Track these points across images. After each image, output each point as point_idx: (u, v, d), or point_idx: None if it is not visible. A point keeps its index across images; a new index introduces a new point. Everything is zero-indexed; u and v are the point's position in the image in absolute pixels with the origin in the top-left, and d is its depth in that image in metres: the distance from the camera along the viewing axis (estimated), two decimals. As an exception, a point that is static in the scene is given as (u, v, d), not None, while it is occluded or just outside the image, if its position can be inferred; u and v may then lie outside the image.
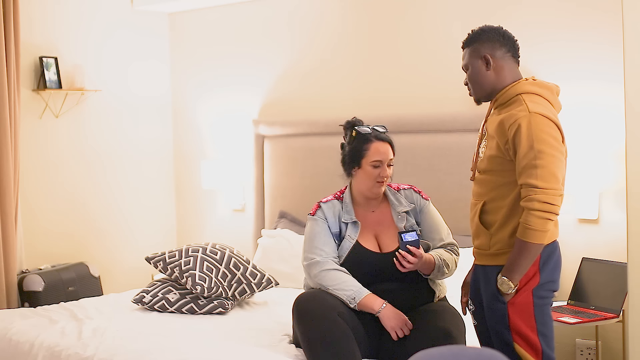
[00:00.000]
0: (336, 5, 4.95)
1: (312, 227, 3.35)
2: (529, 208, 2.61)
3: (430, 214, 3.40)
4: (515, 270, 2.66)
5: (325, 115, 4.92)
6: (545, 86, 2.79)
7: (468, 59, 2.84)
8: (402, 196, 3.41)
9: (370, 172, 3.30)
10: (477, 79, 2.83)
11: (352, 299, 3.15)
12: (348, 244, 3.30)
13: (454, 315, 3.17)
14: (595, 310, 3.71)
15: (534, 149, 2.61)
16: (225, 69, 5.47)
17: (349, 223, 3.33)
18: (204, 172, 5.41)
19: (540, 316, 2.72)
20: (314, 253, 3.29)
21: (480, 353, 2.13)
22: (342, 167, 3.42)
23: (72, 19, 5.18)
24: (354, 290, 3.17)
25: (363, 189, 3.35)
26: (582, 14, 4.01)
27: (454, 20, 4.42)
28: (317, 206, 3.40)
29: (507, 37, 2.83)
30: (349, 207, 3.36)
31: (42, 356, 3.43)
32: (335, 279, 3.20)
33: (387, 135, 3.36)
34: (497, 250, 2.74)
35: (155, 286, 4.02)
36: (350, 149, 3.35)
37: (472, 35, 2.85)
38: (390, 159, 3.32)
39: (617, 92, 3.59)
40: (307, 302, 3.15)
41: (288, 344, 3.31)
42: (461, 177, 4.07)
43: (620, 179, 3.81)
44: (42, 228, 5.04)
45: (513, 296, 2.70)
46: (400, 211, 3.36)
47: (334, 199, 3.41)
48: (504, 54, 2.81)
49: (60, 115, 5.11)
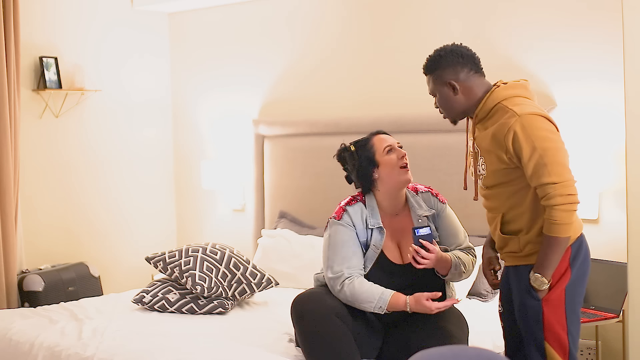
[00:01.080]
0: (336, 5, 4.95)
1: (339, 234, 3.16)
2: (552, 205, 2.60)
3: (448, 218, 3.29)
4: (547, 266, 2.66)
5: (325, 115, 4.92)
6: (517, 86, 2.78)
7: (433, 86, 2.85)
8: (420, 199, 3.29)
9: (389, 160, 3.18)
10: (447, 105, 2.84)
11: (379, 308, 3.06)
12: (373, 253, 3.17)
13: (459, 318, 3.15)
14: (595, 310, 3.71)
15: (537, 149, 2.61)
16: (225, 69, 5.47)
17: (374, 229, 3.18)
18: (204, 172, 5.41)
19: (571, 315, 2.73)
20: (341, 265, 3.11)
21: (481, 353, 2.13)
22: (361, 184, 3.24)
23: (72, 19, 5.18)
24: (376, 299, 3.05)
25: (392, 183, 3.19)
26: (582, 14, 4.01)
27: (453, 20, 4.42)
28: (342, 209, 3.21)
29: (465, 55, 2.81)
30: (375, 211, 3.21)
31: (42, 356, 3.43)
32: (358, 293, 3.07)
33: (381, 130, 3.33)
34: (529, 251, 2.74)
35: (155, 286, 4.02)
36: (359, 161, 3.22)
37: (430, 61, 2.85)
38: (397, 142, 3.24)
39: (617, 92, 3.59)
40: (306, 302, 3.13)
41: (287, 343, 3.31)
42: (461, 177, 4.05)
43: (620, 179, 3.81)
44: (42, 228, 5.05)
45: (547, 293, 2.70)
46: (421, 215, 3.23)
47: (358, 202, 3.23)
48: (467, 74, 2.80)
49: (60, 115, 5.11)
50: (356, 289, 3.07)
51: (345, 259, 3.13)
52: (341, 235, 3.16)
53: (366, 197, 3.24)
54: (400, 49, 4.68)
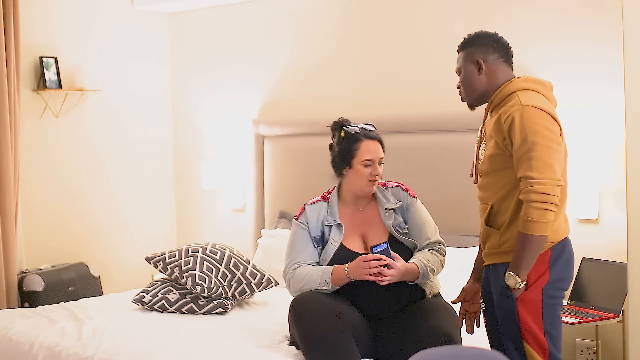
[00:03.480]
0: (336, 6, 4.95)
1: (293, 235, 3.39)
2: (527, 200, 2.61)
3: (417, 212, 3.38)
4: (521, 265, 2.65)
5: (325, 115, 4.89)
6: (538, 82, 2.80)
7: (462, 62, 2.88)
8: (389, 193, 3.40)
9: (361, 171, 3.30)
10: (468, 83, 2.86)
11: (324, 282, 3.19)
12: (332, 247, 3.30)
13: (449, 313, 3.16)
14: (595, 310, 3.71)
15: (527, 141, 2.61)
16: (225, 69, 5.47)
17: (333, 226, 3.34)
18: (204, 172, 5.41)
19: (549, 316, 2.72)
20: (286, 265, 3.35)
21: (480, 353, 2.13)
22: (332, 168, 3.42)
23: (72, 19, 5.18)
24: (320, 276, 3.20)
25: (355, 188, 3.35)
26: (582, 14, 4.01)
27: (454, 21, 4.42)
28: (303, 209, 3.42)
29: (501, 43, 2.86)
30: (334, 209, 3.36)
31: (42, 356, 3.43)
32: (301, 279, 3.25)
33: (377, 134, 3.36)
34: (507, 247, 2.74)
35: (155, 286, 4.02)
36: (340, 149, 3.35)
37: (467, 39, 2.89)
38: (381, 157, 3.32)
39: (617, 92, 3.58)
40: (304, 302, 3.14)
41: (288, 345, 3.30)
42: (461, 177, 4.07)
43: (620, 179, 3.81)
44: (42, 228, 5.04)
45: (522, 292, 2.70)
46: (388, 208, 3.35)
47: (320, 200, 3.42)
48: (496, 59, 2.83)
49: (60, 115, 5.11)
50: (299, 272, 3.27)
51: (291, 256, 3.35)
52: (293, 235, 3.39)
53: (332, 194, 3.41)
54: (400, 49, 4.68)
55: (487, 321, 2.91)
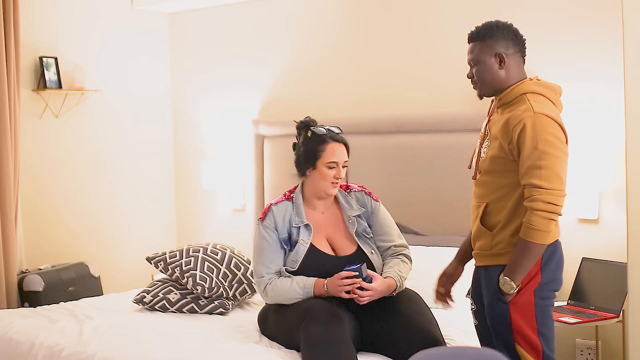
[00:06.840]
0: (335, 5, 4.95)
1: (261, 237, 3.34)
2: (532, 208, 2.61)
3: (381, 216, 3.42)
4: (518, 271, 2.66)
5: (325, 115, 4.89)
6: (548, 86, 2.79)
7: (479, 54, 2.78)
8: (352, 199, 3.43)
9: (325, 173, 3.32)
10: (486, 76, 2.78)
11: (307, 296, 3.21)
12: (302, 248, 3.30)
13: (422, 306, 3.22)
14: (595, 310, 3.72)
15: (538, 149, 2.61)
16: (225, 69, 5.47)
17: (301, 226, 3.33)
18: (204, 172, 5.41)
19: (541, 317, 2.72)
20: (262, 269, 3.31)
21: (481, 353, 2.14)
22: (295, 167, 3.42)
23: (72, 19, 5.18)
24: (301, 294, 3.21)
25: (317, 189, 3.37)
26: (582, 14, 4.01)
27: (454, 20, 4.42)
28: (267, 209, 3.38)
29: (519, 37, 2.81)
30: (300, 209, 3.37)
31: (42, 356, 3.43)
32: (281, 293, 3.23)
33: (342, 137, 3.38)
34: (499, 250, 2.74)
35: (155, 286, 4.02)
36: (305, 149, 3.37)
37: (484, 29, 2.79)
38: (345, 161, 3.34)
39: (617, 92, 3.59)
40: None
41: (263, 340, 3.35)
42: (461, 177, 4.07)
43: (620, 179, 3.81)
44: (42, 228, 5.04)
45: (515, 296, 2.70)
46: (351, 215, 3.38)
47: (284, 200, 3.41)
48: (515, 54, 2.79)
49: (60, 115, 5.11)
50: (279, 288, 3.23)
51: (265, 262, 3.31)
52: (263, 238, 3.34)
53: (295, 194, 3.40)
54: (399, 49, 4.68)
55: (477, 321, 2.91)
